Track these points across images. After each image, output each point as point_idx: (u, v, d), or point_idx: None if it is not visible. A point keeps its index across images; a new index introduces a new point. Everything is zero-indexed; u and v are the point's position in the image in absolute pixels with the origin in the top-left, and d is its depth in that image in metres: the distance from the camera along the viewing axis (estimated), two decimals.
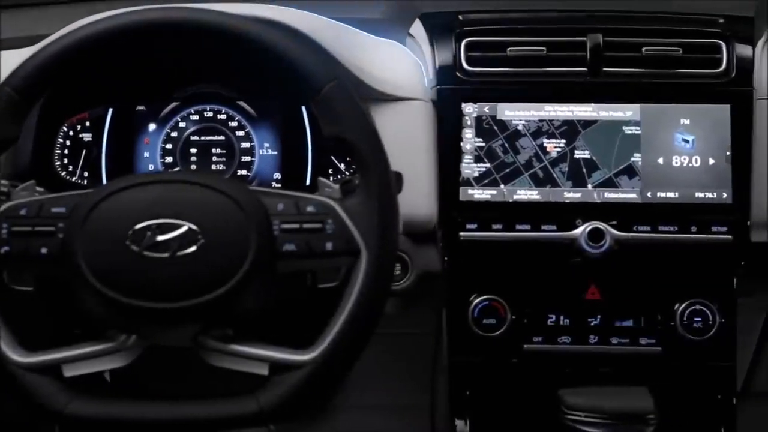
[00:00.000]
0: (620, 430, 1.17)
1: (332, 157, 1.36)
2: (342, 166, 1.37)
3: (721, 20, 1.28)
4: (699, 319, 1.24)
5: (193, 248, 1.03)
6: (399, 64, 1.29)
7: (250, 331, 1.09)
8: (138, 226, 1.02)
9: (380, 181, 1.08)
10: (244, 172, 1.37)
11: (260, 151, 1.38)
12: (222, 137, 1.37)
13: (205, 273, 1.03)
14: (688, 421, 1.28)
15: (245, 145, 1.38)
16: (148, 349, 1.11)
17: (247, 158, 1.37)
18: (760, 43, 1.29)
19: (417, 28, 1.31)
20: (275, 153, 1.38)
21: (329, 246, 1.07)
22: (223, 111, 1.38)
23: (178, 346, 1.09)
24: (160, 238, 1.03)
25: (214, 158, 1.37)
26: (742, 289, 1.27)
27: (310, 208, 1.07)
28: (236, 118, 1.38)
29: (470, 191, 1.23)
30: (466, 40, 1.26)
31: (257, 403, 1.04)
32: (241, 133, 1.38)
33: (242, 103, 1.38)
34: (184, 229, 1.03)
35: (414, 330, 1.31)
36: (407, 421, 1.31)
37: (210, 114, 1.38)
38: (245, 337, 1.08)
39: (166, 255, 1.03)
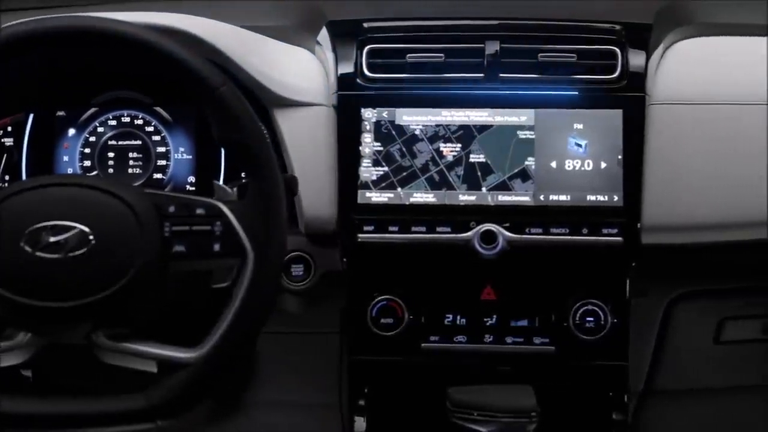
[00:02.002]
0: (504, 427, 1.20)
1: None
2: None
3: (618, 27, 1.31)
4: (591, 319, 1.26)
5: (84, 249, 1.07)
6: (303, 70, 1.32)
7: (145, 330, 1.12)
8: (32, 228, 1.06)
9: (268, 185, 1.11)
10: (159, 175, 1.41)
11: (175, 155, 1.41)
12: (139, 142, 1.41)
13: (96, 273, 1.07)
14: (581, 419, 1.31)
15: (161, 149, 1.41)
16: (63, 348, 1.15)
17: (163, 162, 1.41)
18: (659, 49, 1.32)
19: (323, 36, 1.34)
20: (190, 157, 1.41)
21: (217, 247, 1.10)
22: (140, 116, 1.42)
23: (73, 343, 1.13)
24: (53, 239, 1.07)
25: (131, 162, 1.41)
26: (637, 289, 1.29)
27: (199, 211, 1.11)
28: (152, 123, 1.42)
29: (368, 194, 1.26)
30: (368, 47, 1.30)
31: (145, 400, 1.07)
32: (157, 138, 1.41)
33: (158, 109, 1.42)
34: (75, 230, 1.07)
35: (321, 329, 1.34)
36: (317, 419, 1.34)
37: (127, 119, 1.41)
38: (137, 335, 1.11)
39: (58, 256, 1.06)
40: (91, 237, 1.07)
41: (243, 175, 1.39)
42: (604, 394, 1.30)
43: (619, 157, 1.25)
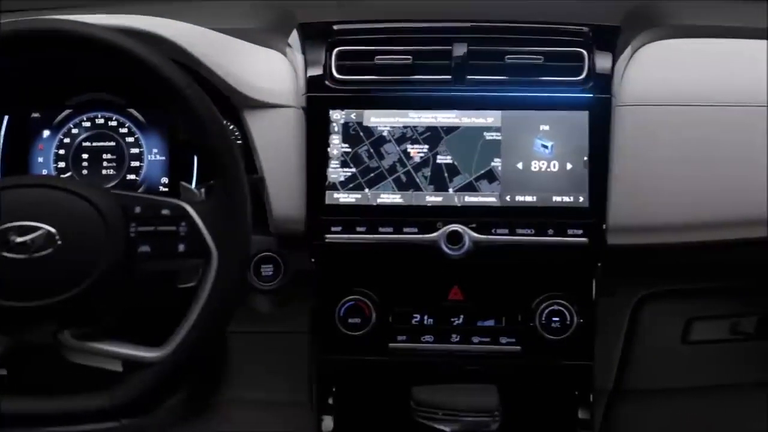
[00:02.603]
0: (467, 426, 1.21)
1: None
2: None
3: (586, 29, 1.32)
4: (557, 319, 1.27)
5: (51, 250, 1.08)
6: (274, 72, 1.33)
7: (112, 330, 1.14)
8: None
9: (232, 186, 1.13)
10: (133, 176, 1.43)
11: (149, 156, 1.43)
12: (113, 143, 1.42)
13: (62, 273, 1.08)
14: (548, 417, 1.32)
15: (134, 150, 1.43)
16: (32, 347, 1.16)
17: (136, 163, 1.42)
18: (627, 51, 1.33)
19: (294, 38, 1.35)
20: (163, 158, 1.43)
21: (182, 247, 1.12)
22: (114, 118, 1.43)
23: (40, 343, 1.14)
24: (19, 239, 1.09)
25: (105, 163, 1.42)
26: (603, 289, 1.30)
27: (165, 212, 1.13)
28: (126, 125, 1.43)
29: (336, 195, 1.27)
30: (338, 49, 1.31)
31: (109, 398, 1.09)
32: (130, 140, 1.43)
33: (132, 111, 1.43)
34: (42, 231, 1.08)
35: (292, 328, 1.35)
36: (288, 417, 1.35)
37: (101, 121, 1.43)
38: (103, 334, 1.13)
39: (24, 256, 1.08)
40: (57, 237, 1.08)
41: None
42: (569, 393, 1.30)
43: (585, 158, 1.26)
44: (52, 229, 1.08)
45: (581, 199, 1.25)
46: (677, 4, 1.46)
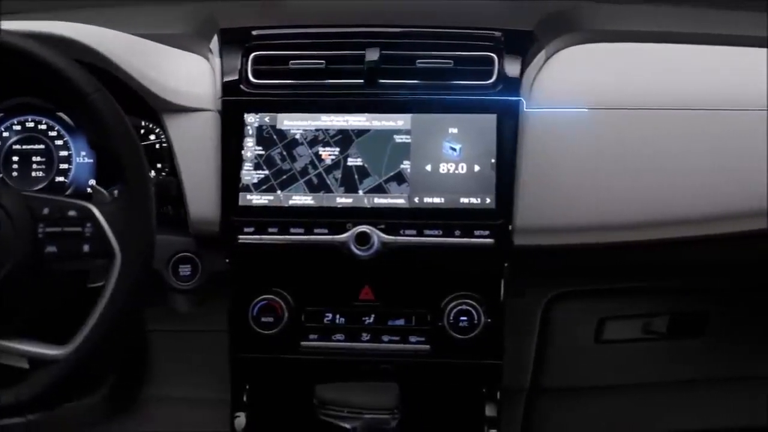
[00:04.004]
0: (367, 423, 1.23)
1: None
2: (152, 174, 1.45)
3: (498, 34, 1.34)
4: (465, 318, 1.29)
5: None
6: (194, 76, 1.36)
7: (20, 328, 1.17)
8: None
9: (137, 188, 1.16)
10: (61, 178, 1.46)
11: (77, 159, 1.46)
12: (42, 146, 1.46)
13: None
14: (456, 415, 1.34)
15: (63, 153, 1.46)
16: None
17: (65, 166, 1.46)
18: (540, 56, 1.35)
19: (214, 43, 1.38)
20: (91, 161, 1.46)
21: (86, 248, 1.15)
22: (43, 121, 1.46)
23: None
24: None
25: (35, 166, 1.45)
26: (513, 290, 1.32)
27: (71, 213, 1.16)
28: (56, 128, 1.46)
29: (249, 196, 1.30)
30: (254, 54, 1.34)
31: (14, 395, 1.12)
32: (59, 142, 1.46)
33: (61, 114, 1.46)
34: None
35: (211, 327, 1.37)
36: (207, 414, 1.38)
37: (31, 124, 1.46)
38: (10, 333, 1.16)
39: None
40: None
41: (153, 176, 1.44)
42: (478, 391, 1.33)
43: (493, 160, 1.28)
44: None
45: (488, 200, 1.28)
46: (596, 9, 1.48)
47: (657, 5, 1.51)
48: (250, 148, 1.31)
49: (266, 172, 1.31)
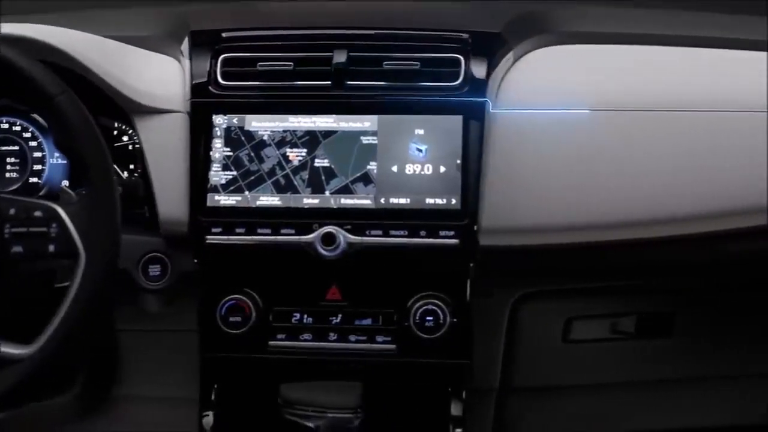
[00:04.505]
0: (330, 422, 1.25)
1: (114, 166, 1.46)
2: (125, 174, 1.46)
3: (465, 36, 1.35)
4: (431, 318, 1.30)
5: None
6: (165, 78, 1.37)
7: None
8: None
9: (102, 188, 1.17)
10: (35, 179, 1.47)
11: (51, 160, 1.47)
12: (17, 147, 1.47)
13: None
14: (422, 414, 1.35)
15: (37, 154, 1.47)
16: None
17: (39, 167, 1.47)
18: (508, 57, 1.36)
19: (185, 45, 1.39)
20: (65, 162, 1.47)
21: (52, 248, 1.16)
22: (18, 123, 1.48)
23: None
24: None
25: (9, 167, 1.47)
26: (480, 290, 1.33)
27: (37, 213, 1.17)
28: (30, 129, 1.48)
29: (217, 197, 1.31)
30: (223, 56, 1.35)
31: None
32: (34, 144, 1.47)
33: (35, 115, 1.48)
34: None
35: (182, 327, 1.39)
36: (177, 413, 1.39)
37: (6, 126, 1.48)
38: None
39: None
40: None
41: (125, 177, 1.46)
42: (443, 390, 1.34)
43: (458, 161, 1.29)
44: None
45: (453, 201, 1.28)
46: (565, 11, 1.49)
47: (627, 8, 1.51)
48: (218, 149, 1.32)
49: (234, 173, 1.32)
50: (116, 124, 1.46)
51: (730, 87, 1.33)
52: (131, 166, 1.46)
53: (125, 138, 1.47)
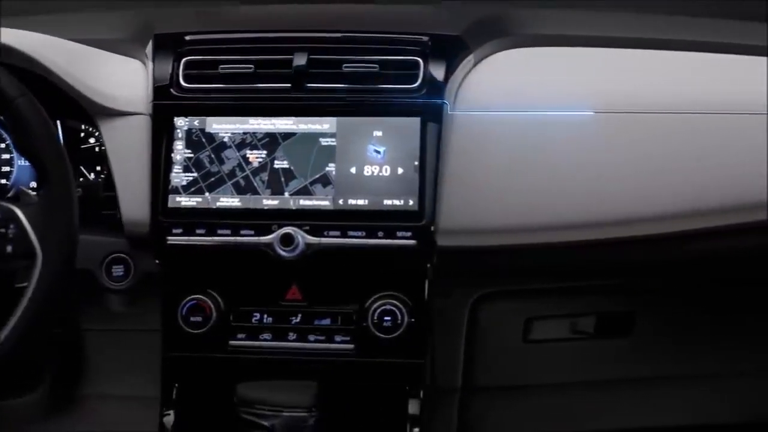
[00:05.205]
0: (285, 421, 1.26)
1: (81, 167, 1.48)
2: (92, 176, 1.48)
3: (425, 38, 1.36)
4: (389, 318, 1.31)
5: None
6: (129, 81, 1.38)
7: None
8: None
9: (59, 190, 1.19)
10: (3, 181, 1.49)
11: (19, 161, 1.49)
12: None
13: None
14: (380, 413, 1.36)
15: (5, 156, 1.49)
16: None
17: (7, 168, 1.49)
18: (468, 60, 1.37)
19: (150, 48, 1.41)
20: None
21: (9, 249, 1.18)
22: None
23: None
24: None
25: None
26: (439, 290, 1.35)
27: None
28: None
29: (178, 198, 1.33)
30: (185, 59, 1.36)
31: None
32: (2, 145, 1.49)
33: (2, 118, 1.49)
34: None
35: (147, 326, 1.40)
36: (144, 412, 1.41)
37: None
38: None
39: None
40: None
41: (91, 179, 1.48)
42: (401, 390, 1.35)
43: (416, 163, 1.30)
44: None
45: (411, 202, 1.30)
46: (528, 14, 1.50)
47: (588, 12, 1.52)
48: (180, 151, 1.34)
49: (195, 174, 1.33)
50: (83, 126, 1.48)
51: (684, 88, 1.34)
52: (98, 168, 1.48)
53: (92, 140, 1.48)
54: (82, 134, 1.48)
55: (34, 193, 1.28)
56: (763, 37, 1.43)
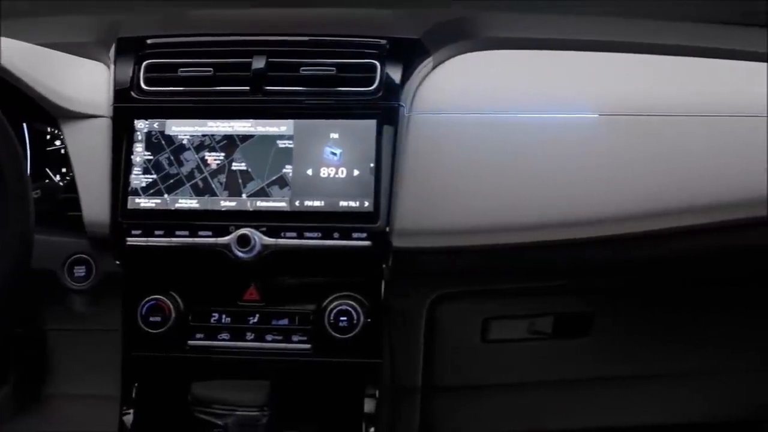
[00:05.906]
0: (237, 420, 1.28)
1: (46, 169, 1.50)
2: (57, 178, 1.50)
3: (383, 41, 1.37)
4: (345, 318, 1.33)
5: None
6: (92, 84, 1.40)
7: None
8: None
9: (14, 191, 1.20)
10: None
11: None
12: None
13: None
14: (336, 413, 1.38)
15: None
16: None
17: None
18: (427, 63, 1.38)
19: (112, 51, 1.43)
20: None
21: None
22: None
23: None
24: None
25: None
26: (396, 290, 1.36)
27: None
28: None
29: (137, 200, 1.34)
30: (146, 62, 1.38)
31: None
32: None
33: None
34: None
35: (109, 326, 1.42)
36: (106, 412, 1.42)
37: None
38: None
39: None
40: None
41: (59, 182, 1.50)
42: (358, 389, 1.36)
43: (372, 165, 1.32)
44: None
45: (366, 204, 1.31)
46: (489, 17, 1.51)
47: (550, 15, 1.53)
48: (140, 153, 1.36)
49: (154, 176, 1.35)
50: (49, 129, 1.50)
51: (644, 91, 1.35)
52: (63, 170, 1.49)
53: (57, 142, 1.50)
54: (48, 137, 1.50)
55: None
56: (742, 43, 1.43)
